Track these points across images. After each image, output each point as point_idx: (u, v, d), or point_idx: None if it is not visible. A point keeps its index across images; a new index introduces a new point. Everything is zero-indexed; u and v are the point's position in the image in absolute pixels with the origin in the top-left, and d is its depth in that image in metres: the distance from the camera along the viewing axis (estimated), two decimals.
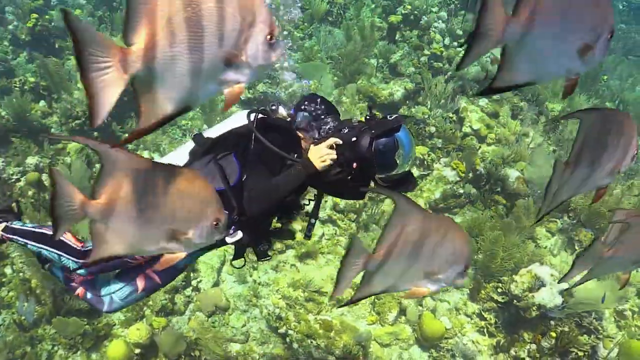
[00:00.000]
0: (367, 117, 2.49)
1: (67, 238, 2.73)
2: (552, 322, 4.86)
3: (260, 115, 2.45)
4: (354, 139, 2.38)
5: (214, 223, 1.60)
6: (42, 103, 6.61)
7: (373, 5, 8.87)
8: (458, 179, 6.35)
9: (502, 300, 5.17)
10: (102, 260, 1.56)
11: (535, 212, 5.88)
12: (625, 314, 5.50)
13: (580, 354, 4.64)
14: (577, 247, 5.98)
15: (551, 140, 7.01)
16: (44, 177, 5.72)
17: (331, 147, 2.40)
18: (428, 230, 1.64)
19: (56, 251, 2.70)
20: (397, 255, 1.65)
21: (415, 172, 6.36)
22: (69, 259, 2.68)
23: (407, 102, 7.22)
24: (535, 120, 7.14)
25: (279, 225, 2.70)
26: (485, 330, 5.16)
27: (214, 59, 1.26)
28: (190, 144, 2.59)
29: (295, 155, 2.44)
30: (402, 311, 5.21)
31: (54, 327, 4.51)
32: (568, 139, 6.81)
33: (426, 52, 7.72)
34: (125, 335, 4.63)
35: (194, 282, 5.16)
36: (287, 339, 4.75)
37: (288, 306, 4.98)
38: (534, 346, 4.86)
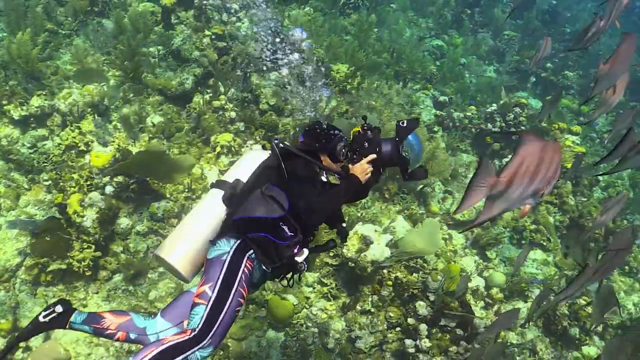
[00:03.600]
0: (365, 127, 2.97)
1: (167, 341, 2.45)
2: (385, 271, 5.32)
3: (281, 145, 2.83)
4: (377, 149, 2.91)
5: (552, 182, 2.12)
6: None
7: None
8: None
9: (336, 263, 5.49)
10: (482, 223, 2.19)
11: None
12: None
13: (415, 291, 5.17)
14: (387, 195, 6.57)
15: (344, 101, 7.43)
16: None
17: (369, 162, 2.90)
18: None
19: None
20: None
21: (226, 160, 6.29)
22: (194, 351, 2.46)
23: (199, 88, 7.01)
24: (325, 84, 7.44)
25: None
26: (329, 295, 5.45)
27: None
28: (215, 192, 2.82)
29: (324, 172, 2.93)
30: (249, 301, 5.24)
31: None
32: (358, 100, 7.30)
33: (207, 32, 7.52)
34: None
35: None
36: None
37: None
38: (375, 297, 5.29)
